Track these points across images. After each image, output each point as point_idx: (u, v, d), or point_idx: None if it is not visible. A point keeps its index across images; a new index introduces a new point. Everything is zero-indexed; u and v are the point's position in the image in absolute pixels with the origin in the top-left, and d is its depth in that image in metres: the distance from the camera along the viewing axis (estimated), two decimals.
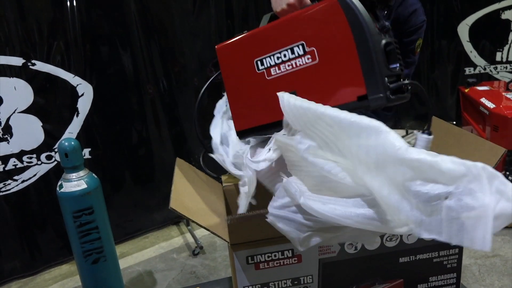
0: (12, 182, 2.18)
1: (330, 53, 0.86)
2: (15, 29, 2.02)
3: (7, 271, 2.28)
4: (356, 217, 0.69)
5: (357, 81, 0.83)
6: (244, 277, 0.89)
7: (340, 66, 0.85)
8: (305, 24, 0.88)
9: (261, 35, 0.96)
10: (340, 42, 0.84)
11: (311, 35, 0.87)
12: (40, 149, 2.22)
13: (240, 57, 0.98)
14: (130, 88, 2.46)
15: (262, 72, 0.95)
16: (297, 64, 0.90)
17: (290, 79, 0.91)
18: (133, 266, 2.46)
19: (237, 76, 1.00)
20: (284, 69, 0.92)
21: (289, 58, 0.91)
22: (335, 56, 0.85)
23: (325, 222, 0.71)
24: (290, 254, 0.86)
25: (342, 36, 0.83)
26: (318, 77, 0.88)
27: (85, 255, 1.76)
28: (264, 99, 0.96)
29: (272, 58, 0.93)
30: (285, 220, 0.74)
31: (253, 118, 1.00)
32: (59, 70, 2.18)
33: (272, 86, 0.93)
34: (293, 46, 0.89)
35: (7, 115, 2.08)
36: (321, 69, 0.87)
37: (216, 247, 2.59)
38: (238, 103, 1.02)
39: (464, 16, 3.60)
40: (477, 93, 2.79)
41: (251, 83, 0.97)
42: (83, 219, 1.71)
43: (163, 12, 2.51)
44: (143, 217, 2.70)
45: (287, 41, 0.90)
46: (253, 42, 0.96)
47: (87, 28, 2.21)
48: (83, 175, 1.71)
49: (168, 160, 2.69)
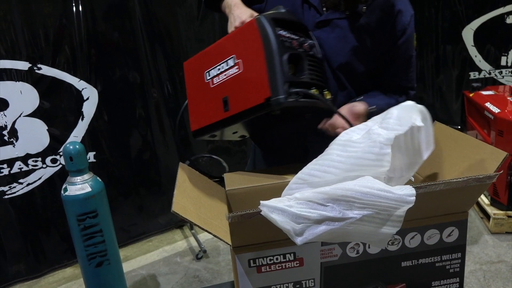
0: (18, 185, 2.20)
1: (249, 63, 1.04)
2: (21, 34, 2.05)
3: (12, 274, 2.29)
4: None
5: (265, 85, 1.01)
6: (246, 280, 0.90)
7: (255, 74, 1.03)
8: (236, 40, 1.08)
9: (209, 51, 1.16)
10: (256, 54, 1.02)
11: (239, 49, 1.06)
12: (45, 153, 2.24)
13: (196, 69, 1.19)
14: (135, 93, 2.48)
15: (209, 81, 1.14)
16: (229, 74, 1.08)
17: (225, 87, 1.10)
18: (136, 270, 2.46)
19: (194, 84, 1.21)
20: (222, 78, 1.10)
21: (224, 69, 1.09)
22: (252, 66, 1.03)
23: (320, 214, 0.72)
24: (292, 257, 0.87)
25: (257, 49, 1.01)
26: (242, 84, 1.06)
27: (89, 258, 1.77)
28: (209, 103, 1.15)
29: (214, 69, 1.12)
30: (278, 210, 0.74)
31: (202, 119, 1.19)
32: (65, 74, 2.20)
33: (215, 93, 1.12)
34: (227, 59, 1.08)
35: (13, 119, 2.11)
36: (244, 77, 1.05)
37: (220, 251, 2.59)
38: (193, 107, 1.22)
39: (469, 21, 3.60)
40: (481, 98, 2.78)
41: (202, 90, 1.16)
42: (87, 222, 1.72)
43: (168, 18, 2.53)
44: (147, 221, 2.70)
45: (224, 55, 1.09)
46: (204, 57, 1.17)
47: (92, 33, 2.24)
48: (88, 179, 1.72)
49: (172, 164, 2.70)
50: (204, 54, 1.17)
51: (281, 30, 1.04)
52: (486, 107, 2.62)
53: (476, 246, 2.38)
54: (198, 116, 1.20)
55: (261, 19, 1.02)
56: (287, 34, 1.05)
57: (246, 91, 1.05)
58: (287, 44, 1.03)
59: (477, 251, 2.33)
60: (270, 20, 1.02)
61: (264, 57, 1.00)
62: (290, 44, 1.04)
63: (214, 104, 1.12)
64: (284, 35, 1.04)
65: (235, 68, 1.06)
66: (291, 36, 1.06)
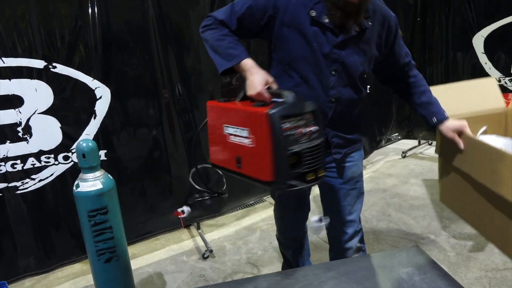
0: (30, 181, 2.24)
1: (260, 146, 1.19)
2: (38, 33, 2.10)
3: (22, 268, 2.33)
4: None
5: (269, 172, 1.18)
6: None
7: (263, 157, 1.18)
8: (252, 119, 1.22)
9: (229, 110, 1.32)
10: (265, 142, 1.17)
11: (253, 128, 1.21)
12: (58, 150, 2.28)
13: (217, 116, 1.37)
14: (146, 93, 2.52)
15: (226, 135, 1.32)
16: (243, 142, 1.25)
17: (239, 148, 1.27)
18: (143, 267, 2.50)
19: (214, 127, 1.39)
20: (237, 140, 1.27)
21: (240, 135, 1.26)
22: (262, 150, 1.19)
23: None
24: None
25: (266, 139, 1.16)
26: (253, 156, 1.23)
27: (98, 254, 1.80)
28: (226, 153, 1.34)
29: (232, 128, 1.29)
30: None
31: (219, 159, 1.40)
32: (79, 74, 2.25)
33: (231, 147, 1.31)
34: (243, 128, 1.24)
35: (28, 116, 2.16)
36: (255, 153, 1.21)
37: (226, 251, 2.62)
38: (213, 144, 1.42)
39: (480, 28, 3.60)
40: None
41: (221, 138, 1.34)
42: (98, 219, 1.75)
43: (181, 19, 2.57)
44: (155, 220, 2.74)
45: (242, 123, 1.25)
46: (226, 111, 1.34)
47: (107, 33, 2.28)
48: (99, 176, 1.76)
49: (181, 164, 2.73)
50: (226, 108, 1.34)
51: (288, 122, 1.17)
52: None
53: (481, 253, 2.38)
54: (216, 154, 1.41)
55: (271, 117, 1.14)
56: (293, 124, 1.18)
57: (256, 165, 1.23)
58: (291, 138, 1.17)
59: (483, 258, 2.33)
60: (279, 118, 1.15)
61: (271, 149, 1.16)
62: (294, 136, 1.18)
63: (229, 155, 1.32)
64: (290, 127, 1.17)
65: (249, 140, 1.23)
66: (297, 125, 1.19)
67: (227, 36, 1.37)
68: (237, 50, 1.34)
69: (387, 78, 1.65)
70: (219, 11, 1.41)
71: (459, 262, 2.32)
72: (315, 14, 1.33)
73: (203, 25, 1.42)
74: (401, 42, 1.55)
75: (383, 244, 2.57)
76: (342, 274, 1.30)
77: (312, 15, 1.33)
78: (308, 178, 1.22)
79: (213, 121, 1.39)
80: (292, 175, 1.20)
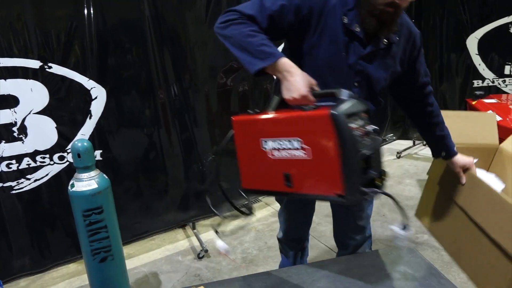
0: (25, 181, 2.25)
1: (320, 155, 1.03)
2: (34, 33, 2.10)
3: (17, 268, 2.33)
4: None
5: (338, 183, 1.01)
6: None
7: (327, 168, 1.02)
8: (303, 124, 1.05)
9: (269, 121, 1.14)
10: (329, 148, 1.01)
11: (307, 135, 1.04)
12: (53, 150, 2.28)
13: (250, 132, 1.17)
14: (142, 93, 2.53)
15: (266, 151, 1.13)
16: (294, 155, 1.07)
17: (287, 164, 1.09)
18: (139, 267, 2.50)
19: (246, 146, 1.19)
20: (284, 154, 1.09)
21: (288, 147, 1.08)
22: (323, 158, 1.03)
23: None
24: None
25: (330, 145, 1.00)
26: (310, 170, 1.06)
27: (93, 253, 1.81)
28: (267, 173, 1.15)
29: (273, 142, 1.11)
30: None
31: (256, 182, 1.20)
32: (74, 74, 2.25)
33: (274, 165, 1.12)
34: (291, 139, 1.06)
35: (23, 116, 2.16)
36: (313, 165, 1.05)
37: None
38: (246, 166, 1.21)
39: (474, 29, 3.64)
40: (484, 106, 2.81)
41: (257, 156, 1.15)
42: (93, 218, 1.76)
43: (177, 20, 2.58)
44: (150, 220, 2.74)
45: (287, 133, 1.07)
46: (261, 124, 1.15)
47: (102, 34, 2.29)
48: (94, 175, 1.76)
49: (177, 164, 2.74)
50: (260, 120, 1.15)
51: (352, 122, 1.01)
52: None
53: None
54: (251, 177, 1.21)
55: (338, 117, 0.98)
56: (356, 124, 1.02)
57: (314, 179, 1.07)
58: (359, 140, 1.01)
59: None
60: (345, 118, 0.99)
61: (338, 155, 0.99)
62: (361, 137, 1.02)
63: (273, 174, 1.13)
64: (355, 127, 1.01)
65: (301, 152, 1.06)
66: (359, 124, 1.04)
67: (258, 32, 1.20)
68: (271, 47, 1.18)
69: (401, 95, 1.59)
70: (244, 6, 1.25)
71: (452, 261, 2.33)
72: (347, 21, 1.27)
73: (224, 20, 1.24)
74: (422, 59, 1.50)
75: (377, 244, 2.58)
76: (335, 273, 1.31)
77: (344, 22, 1.27)
78: (377, 182, 1.07)
79: (245, 139, 1.19)
80: (364, 182, 1.03)
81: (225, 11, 1.26)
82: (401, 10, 1.25)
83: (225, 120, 2.94)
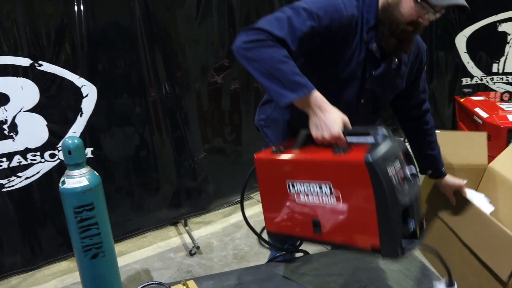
0: (16, 179, 2.24)
1: (354, 203, 0.95)
2: (24, 31, 2.10)
3: (8, 266, 2.33)
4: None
5: (374, 236, 0.93)
6: None
7: (361, 217, 0.95)
8: (336, 169, 0.97)
9: (296, 162, 1.06)
10: (363, 197, 0.93)
11: (339, 180, 0.97)
12: (44, 147, 2.28)
13: (275, 173, 1.10)
14: (133, 91, 2.53)
15: (293, 194, 1.06)
16: (323, 201, 1.00)
17: (317, 210, 1.03)
18: (131, 264, 2.51)
19: (271, 187, 1.12)
20: (312, 200, 1.03)
21: (316, 192, 1.01)
22: (358, 207, 0.95)
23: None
24: None
25: (365, 194, 0.92)
26: (342, 219, 0.99)
27: (85, 250, 1.81)
28: (295, 218, 1.09)
29: (302, 185, 1.03)
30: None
31: (283, 226, 1.13)
32: (65, 72, 2.25)
33: (302, 210, 1.06)
34: (321, 183, 0.99)
35: (14, 114, 2.15)
36: (345, 214, 0.98)
37: (213, 247, 2.65)
38: (270, 208, 1.15)
39: (462, 28, 3.68)
40: (471, 103, 2.85)
41: (283, 199, 1.09)
42: (84, 215, 1.76)
43: (167, 19, 2.58)
44: (142, 217, 2.75)
45: (317, 176, 1.00)
46: (288, 165, 1.08)
47: (93, 31, 2.29)
48: (85, 172, 1.76)
49: (168, 162, 2.75)
50: (286, 161, 1.08)
51: (390, 167, 0.93)
52: (475, 112, 2.69)
53: None
54: (277, 221, 1.14)
55: (374, 165, 0.89)
56: (394, 169, 0.94)
57: (347, 229, 1.00)
58: (399, 189, 0.92)
59: None
60: (383, 165, 0.90)
61: (375, 207, 0.91)
62: (400, 185, 0.94)
63: (300, 220, 1.08)
64: (393, 173, 0.93)
65: (331, 198, 0.99)
66: (396, 169, 0.95)
67: (289, 58, 1.09)
68: (303, 77, 1.09)
69: (398, 108, 1.61)
70: (271, 24, 1.12)
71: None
72: (367, 39, 1.26)
73: (250, 40, 1.10)
74: (424, 76, 1.51)
75: None
76: (323, 266, 1.34)
77: (365, 40, 1.26)
78: (416, 231, 0.98)
79: (269, 179, 1.11)
80: (405, 235, 0.94)
81: (249, 29, 1.14)
82: (420, 30, 1.23)
83: (216, 117, 2.96)
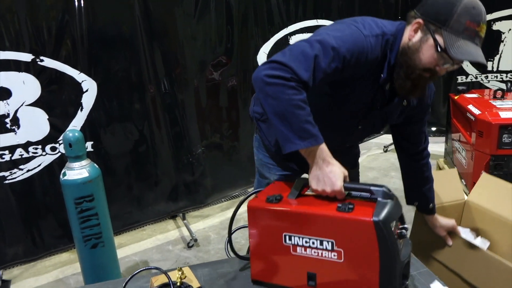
0: (18, 171, 2.30)
1: (356, 259, 0.98)
2: (25, 27, 2.15)
3: (10, 256, 2.38)
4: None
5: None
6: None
7: (362, 273, 0.98)
8: (340, 226, 0.98)
9: (295, 215, 1.04)
10: (367, 254, 0.96)
11: (342, 238, 0.98)
12: (46, 141, 2.33)
13: (270, 223, 1.07)
14: (132, 87, 2.58)
15: (289, 246, 1.04)
16: (323, 255, 1.01)
17: (313, 263, 1.02)
18: (130, 256, 2.57)
19: (264, 236, 1.09)
20: (310, 253, 1.02)
21: (316, 247, 1.01)
22: (360, 264, 0.97)
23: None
24: None
25: (370, 251, 0.95)
26: (340, 273, 1.00)
27: (85, 240, 1.87)
28: (287, 269, 1.08)
29: (299, 239, 1.02)
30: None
31: (273, 276, 1.11)
32: (66, 67, 2.30)
33: (297, 261, 1.04)
34: (323, 239, 0.99)
35: (16, 108, 2.20)
36: (344, 268, 0.99)
37: (210, 240, 2.70)
38: (260, 256, 1.12)
39: None
40: (465, 100, 2.88)
41: (276, 250, 1.07)
42: (84, 206, 1.82)
43: (166, 16, 2.63)
44: (141, 210, 2.80)
45: (318, 232, 1.00)
46: (286, 217, 1.05)
47: (93, 27, 2.34)
48: (85, 164, 1.82)
49: (166, 156, 2.80)
50: (284, 213, 1.05)
51: (392, 225, 0.97)
52: (468, 109, 2.73)
53: None
54: (265, 270, 1.12)
55: (382, 226, 0.93)
56: (393, 228, 0.98)
57: (344, 283, 1.01)
58: (400, 248, 0.99)
59: None
60: (388, 225, 0.94)
61: (378, 264, 0.95)
62: (399, 243, 1.00)
63: (293, 271, 1.07)
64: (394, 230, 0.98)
65: (332, 254, 0.99)
66: (394, 226, 0.99)
67: (306, 104, 1.06)
68: (315, 127, 1.07)
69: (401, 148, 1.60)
70: (297, 62, 1.06)
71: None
72: (382, 80, 1.24)
73: (273, 75, 1.05)
74: (426, 119, 1.50)
75: None
76: None
77: (381, 80, 1.24)
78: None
79: (263, 229, 1.08)
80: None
81: (274, 61, 1.08)
82: (435, 79, 1.23)
83: (214, 113, 3.01)
